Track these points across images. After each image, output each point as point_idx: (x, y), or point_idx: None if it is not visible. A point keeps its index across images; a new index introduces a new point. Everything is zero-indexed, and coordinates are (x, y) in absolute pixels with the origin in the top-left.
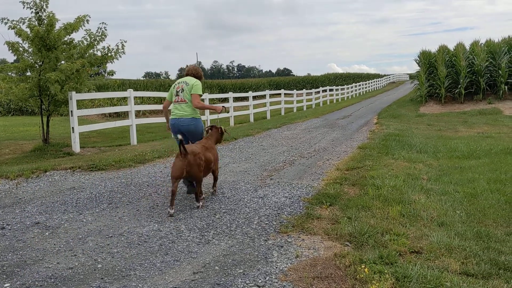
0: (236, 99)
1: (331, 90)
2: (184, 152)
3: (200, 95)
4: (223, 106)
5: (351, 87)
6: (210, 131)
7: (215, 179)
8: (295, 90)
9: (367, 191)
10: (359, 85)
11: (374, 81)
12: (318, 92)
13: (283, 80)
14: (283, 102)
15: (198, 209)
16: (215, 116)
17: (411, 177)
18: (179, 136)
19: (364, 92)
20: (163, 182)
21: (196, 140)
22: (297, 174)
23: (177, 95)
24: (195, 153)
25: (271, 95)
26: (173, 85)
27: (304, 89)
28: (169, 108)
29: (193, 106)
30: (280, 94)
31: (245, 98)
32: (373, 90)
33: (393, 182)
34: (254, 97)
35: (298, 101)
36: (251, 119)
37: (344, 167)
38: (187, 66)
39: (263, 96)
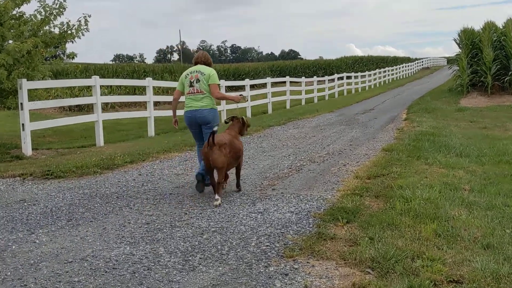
0: (229, 89)
1: (348, 77)
2: (212, 143)
3: (219, 85)
4: (241, 95)
5: (374, 74)
6: (233, 122)
7: (239, 171)
8: (303, 78)
9: (394, 204)
10: (384, 71)
11: (402, 67)
12: (333, 80)
13: (288, 64)
14: (289, 92)
15: (216, 208)
16: (232, 106)
17: (449, 187)
18: (215, 128)
19: (390, 80)
20: (136, 193)
21: (210, 129)
22: (305, 183)
23: (191, 85)
24: (221, 143)
25: (274, 84)
26: (184, 75)
27: (314, 76)
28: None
29: (213, 97)
30: (284, 82)
31: (240, 87)
32: (401, 77)
33: (427, 193)
34: (252, 86)
35: (307, 91)
36: (248, 114)
37: (365, 175)
38: (169, 48)
39: (263, 85)
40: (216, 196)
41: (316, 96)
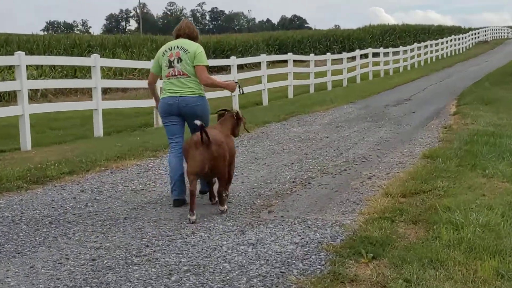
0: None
1: (375, 55)
2: (207, 140)
3: (207, 66)
4: (236, 82)
5: (411, 51)
6: (225, 117)
7: (229, 180)
8: (312, 55)
9: (439, 233)
10: (425, 46)
11: (450, 40)
12: (353, 58)
13: (291, 37)
14: (292, 75)
15: (190, 236)
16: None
17: None
18: (198, 122)
19: (433, 59)
20: (78, 216)
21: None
22: (315, 203)
23: (170, 66)
24: (219, 141)
25: (271, 64)
26: (161, 52)
27: (328, 53)
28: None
29: (202, 83)
30: (286, 61)
31: (224, 69)
32: (449, 54)
33: (485, 217)
34: (241, 67)
35: (317, 74)
36: (235, 104)
37: (399, 191)
38: (123, 13)
39: (256, 65)
40: (221, 207)
41: (330, 80)
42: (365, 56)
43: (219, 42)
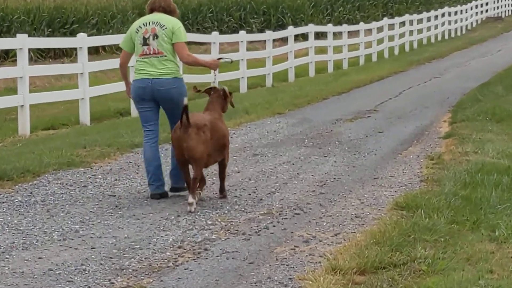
0: None
1: (319, 36)
2: (186, 123)
3: (187, 43)
4: (219, 59)
5: (378, 30)
6: (212, 96)
7: (223, 169)
8: (215, 34)
9: None
10: (401, 23)
11: (443, 15)
12: (283, 40)
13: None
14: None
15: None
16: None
17: None
18: (185, 101)
19: (414, 45)
20: None
21: (175, 112)
22: (215, 285)
23: (145, 44)
24: (199, 125)
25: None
26: (134, 27)
27: (242, 31)
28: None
29: (182, 61)
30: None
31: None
32: (440, 38)
33: None
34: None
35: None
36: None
37: (354, 264)
38: None
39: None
40: (190, 199)
41: (245, 77)
42: (303, 37)
43: (59, 10)
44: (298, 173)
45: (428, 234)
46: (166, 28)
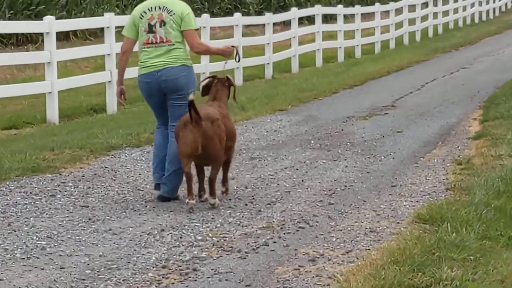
0: None
1: (327, 19)
2: (196, 118)
3: (197, 30)
4: (232, 46)
5: (396, 12)
6: (216, 87)
7: (227, 165)
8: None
9: None
10: (423, 4)
11: None
12: (285, 24)
13: None
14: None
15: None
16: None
17: None
18: (191, 96)
19: (438, 29)
20: None
21: (181, 104)
22: None
23: (151, 31)
24: (213, 118)
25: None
26: (137, 12)
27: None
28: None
29: (193, 51)
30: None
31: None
32: (468, 21)
33: None
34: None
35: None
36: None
37: (369, 287)
38: None
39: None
40: (211, 200)
41: (241, 67)
42: (308, 21)
43: None
44: (303, 180)
45: (456, 251)
46: (174, 13)
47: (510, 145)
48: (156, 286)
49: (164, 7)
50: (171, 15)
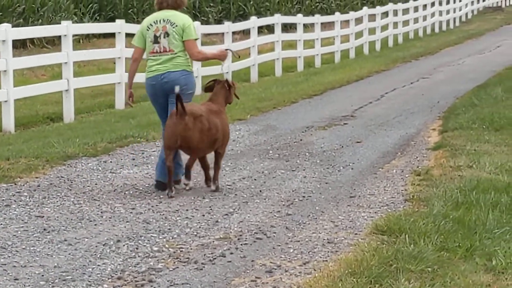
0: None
1: (287, 28)
2: (181, 111)
3: (196, 39)
4: (227, 49)
5: (356, 21)
6: (215, 88)
7: (218, 160)
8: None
9: None
10: (383, 14)
11: (432, 4)
12: (245, 33)
13: None
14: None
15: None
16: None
17: None
18: (177, 89)
19: (398, 39)
20: None
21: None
22: None
23: (156, 41)
24: (196, 114)
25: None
26: (145, 25)
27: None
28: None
29: (193, 59)
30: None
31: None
32: (429, 31)
33: None
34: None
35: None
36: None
37: None
38: None
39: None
40: (186, 181)
41: (200, 76)
42: (268, 29)
43: None
44: (261, 191)
45: (413, 263)
46: (176, 25)
47: (469, 156)
48: None
49: (168, 19)
50: (174, 27)
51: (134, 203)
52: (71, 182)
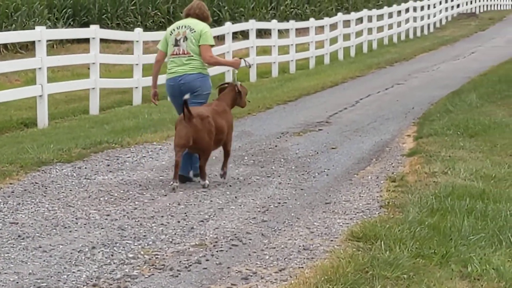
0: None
1: (262, 33)
2: (188, 115)
3: (212, 46)
4: (241, 58)
5: (331, 27)
6: (225, 90)
7: (227, 154)
8: (138, 31)
9: None
10: (358, 19)
11: (407, 10)
12: (219, 38)
13: None
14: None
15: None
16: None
17: None
18: (186, 96)
19: (373, 45)
20: None
21: (200, 103)
22: None
23: (176, 45)
24: (203, 116)
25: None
26: (168, 30)
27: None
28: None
29: (205, 62)
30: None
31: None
32: (403, 37)
33: None
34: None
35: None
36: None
37: None
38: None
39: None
40: (202, 182)
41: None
42: (243, 35)
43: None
44: (236, 197)
45: (389, 270)
46: (195, 31)
47: (444, 163)
48: None
49: (188, 26)
50: (192, 33)
51: (109, 210)
52: (46, 188)
